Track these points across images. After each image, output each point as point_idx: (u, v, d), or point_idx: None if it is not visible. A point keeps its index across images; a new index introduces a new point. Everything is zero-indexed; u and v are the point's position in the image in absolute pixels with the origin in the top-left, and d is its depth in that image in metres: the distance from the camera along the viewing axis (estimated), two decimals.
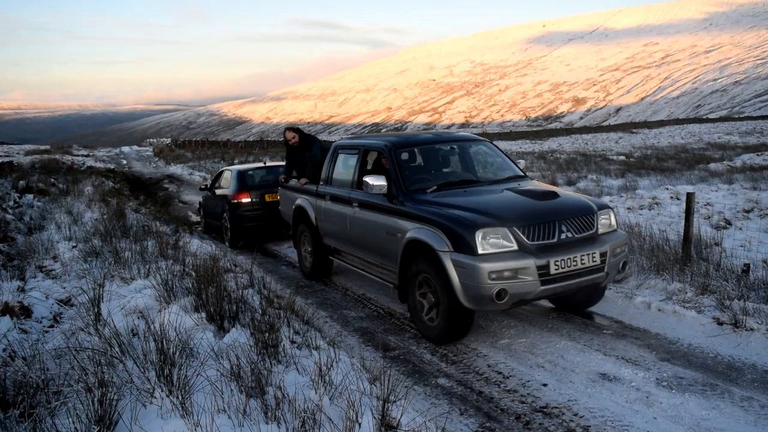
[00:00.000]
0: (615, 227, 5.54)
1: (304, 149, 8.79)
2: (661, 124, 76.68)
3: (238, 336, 4.78)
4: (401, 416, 3.43)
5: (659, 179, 18.12)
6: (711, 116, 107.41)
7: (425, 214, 5.31)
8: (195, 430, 3.14)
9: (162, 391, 3.69)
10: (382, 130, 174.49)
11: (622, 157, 28.00)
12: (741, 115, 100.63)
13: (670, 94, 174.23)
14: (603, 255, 5.09)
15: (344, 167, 7.18)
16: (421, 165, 6.49)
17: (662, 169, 22.01)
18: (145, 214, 13.79)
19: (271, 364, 4.20)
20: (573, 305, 5.98)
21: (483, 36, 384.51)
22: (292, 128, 9.16)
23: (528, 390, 4.32)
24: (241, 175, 11.39)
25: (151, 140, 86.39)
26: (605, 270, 5.13)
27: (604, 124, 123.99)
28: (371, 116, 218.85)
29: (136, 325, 5.14)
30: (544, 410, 4.01)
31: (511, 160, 6.81)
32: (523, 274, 4.69)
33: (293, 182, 8.67)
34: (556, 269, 4.80)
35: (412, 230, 5.37)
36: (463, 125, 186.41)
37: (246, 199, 10.89)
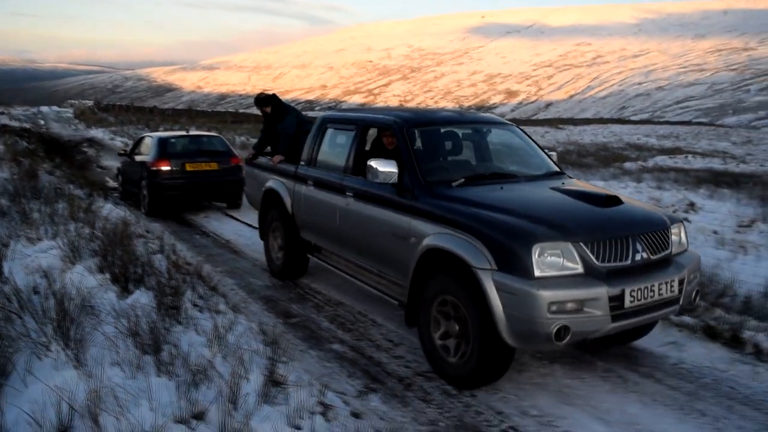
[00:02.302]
0: (686, 246, 4.47)
1: (278, 121, 7.30)
2: (587, 122, 79.37)
3: (141, 297, 4.89)
4: (289, 375, 3.67)
5: (575, 174, 18.92)
6: (633, 118, 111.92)
7: (454, 215, 4.11)
8: (87, 379, 3.27)
9: (58, 344, 3.79)
10: (316, 108, 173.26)
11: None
12: (661, 120, 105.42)
13: (598, 94, 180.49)
14: (681, 282, 4.06)
15: (334, 146, 5.91)
16: (441, 150, 5.34)
17: (581, 164, 22.98)
18: (59, 177, 13.42)
19: (170, 324, 4.34)
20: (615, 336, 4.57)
21: (423, 21, 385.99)
22: (264, 96, 7.59)
23: (414, 356, 4.64)
24: (162, 142, 11.09)
25: (73, 101, 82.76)
26: (681, 301, 4.12)
27: (534, 118, 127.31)
28: (306, 93, 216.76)
29: (38, 283, 5.15)
30: (425, 374, 4.35)
31: (545, 152, 5.63)
32: (591, 307, 3.58)
33: (264, 160, 7.27)
34: (631, 301, 3.73)
35: (433, 235, 4.17)
36: None
37: (166, 167, 10.59)
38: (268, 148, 7.69)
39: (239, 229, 9.54)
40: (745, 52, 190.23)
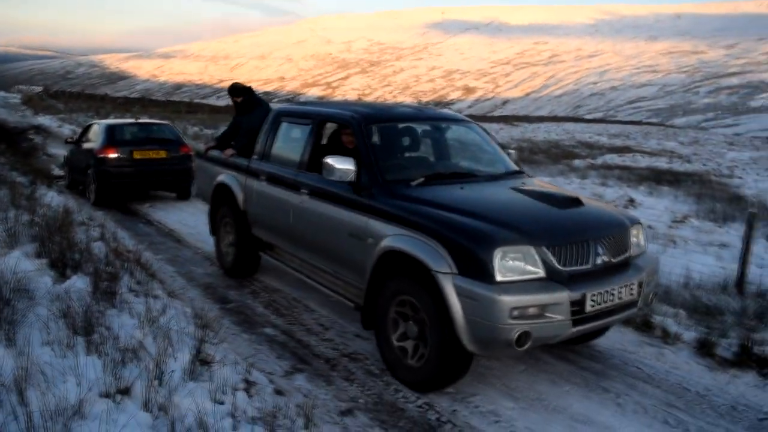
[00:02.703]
0: (644, 247, 4.45)
1: (246, 113, 6.86)
2: (541, 119, 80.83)
3: (77, 282, 4.97)
4: (217, 354, 3.84)
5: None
6: (588, 117, 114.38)
7: (413, 216, 3.98)
8: (16, 357, 3.37)
9: None
10: (274, 100, 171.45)
11: None
12: (614, 119, 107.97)
13: (554, 93, 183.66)
14: (640, 285, 4.05)
15: (289, 141, 5.70)
16: (400, 147, 5.20)
17: (531, 161, 23.53)
18: (2, 164, 13.17)
19: (104, 307, 4.44)
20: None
21: (383, 15, 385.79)
22: (239, 86, 7.11)
23: (342, 339, 4.86)
24: (110, 129, 10.87)
25: (21, 87, 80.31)
26: (638, 304, 4.11)
27: (491, 114, 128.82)
28: (263, 84, 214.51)
29: None
30: (351, 356, 4.57)
31: (503, 150, 5.54)
32: (552, 312, 3.52)
33: (216, 153, 6.88)
34: (592, 306, 3.70)
35: (392, 237, 4.04)
36: None
37: (113, 155, 10.37)
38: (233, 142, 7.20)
39: (184, 218, 9.59)
40: (696, 55, 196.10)
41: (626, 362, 4.65)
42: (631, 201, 13.88)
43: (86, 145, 11.23)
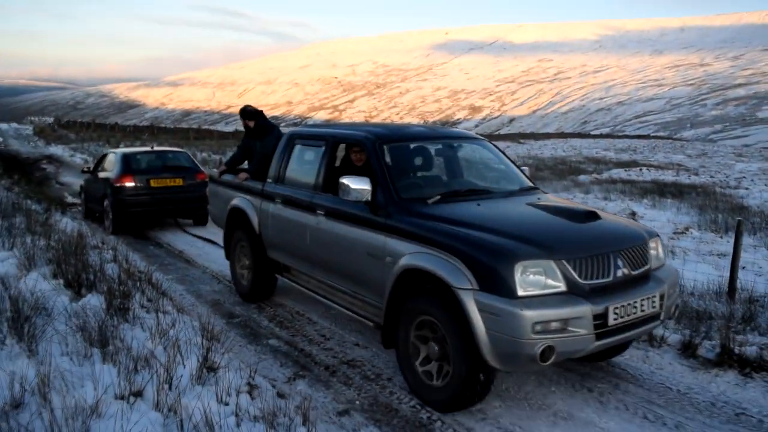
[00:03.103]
0: (663, 260, 4.48)
1: (258, 137, 6.88)
2: (548, 136, 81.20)
3: (92, 300, 5.28)
4: (223, 362, 4.13)
5: None
6: (595, 133, 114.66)
7: (431, 233, 4.03)
8: (38, 366, 3.67)
9: (12, 338, 4.19)
10: (281, 125, 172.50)
11: None
12: (621, 134, 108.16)
13: (560, 109, 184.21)
14: (662, 297, 4.06)
15: (303, 163, 5.76)
16: (414, 166, 5.25)
17: (537, 177, 23.76)
18: (17, 192, 13.62)
19: (118, 322, 4.75)
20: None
21: (387, 38, 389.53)
22: (251, 110, 7.09)
23: (342, 348, 5.13)
24: (126, 158, 10.97)
25: (33, 118, 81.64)
26: (661, 317, 4.12)
27: (497, 133, 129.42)
28: (271, 109, 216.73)
29: None
30: (350, 362, 4.84)
31: (517, 167, 5.57)
32: (575, 326, 3.53)
33: (229, 177, 6.92)
34: (615, 319, 3.71)
35: (410, 255, 4.08)
36: None
37: (130, 183, 10.45)
38: (244, 164, 7.29)
39: (192, 240, 9.92)
40: (702, 67, 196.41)
41: (612, 364, 4.88)
42: (633, 214, 14.03)
43: (102, 175, 11.31)
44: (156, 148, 12.22)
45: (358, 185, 4.47)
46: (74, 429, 2.97)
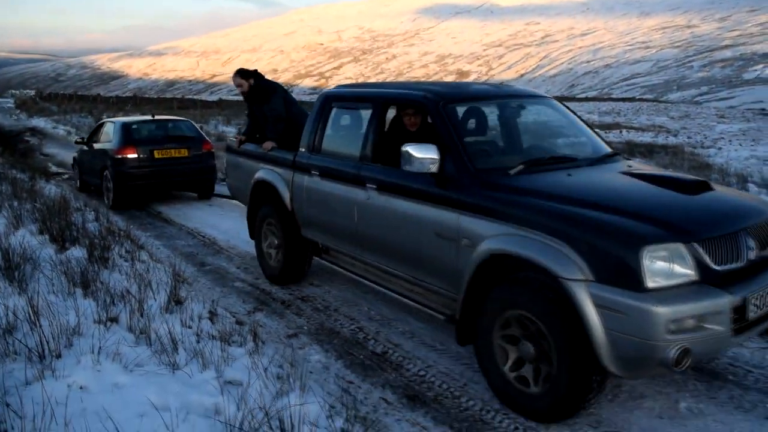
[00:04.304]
0: None
1: (261, 101, 6.32)
2: None
3: (75, 252, 5.90)
4: (189, 296, 4.78)
5: None
6: (582, 96, 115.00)
7: (524, 211, 3.39)
8: (28, 300, 4.30)
9: (3, 282, 4.81)
10: None
11: None
12: (608, 97, 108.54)
13: (548, 73, 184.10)
14: None
15: (344, 129, 5.24)
16: (483, 130, 4.65)
17: None
18: (2, 163, 14.08)
19: (99, 269, 5.37)
20: None
21: (373, 3, 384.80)
22: (241, 71, 6.48)
23: (298, 287, 5.81)
24: (126, 128, 10.33)
25: (14, 91, 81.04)
26: None
27: None
28: None
29: None
30: (304, 298, 5.53)
31: (592, 129, 4.82)
32: (712, 322, 2.94)
33: (251, 147, 6.29)
34: (754, 311, 3.11)
35: (496, 237, 3.46)
36: None
37: (132, 155, 9.84)
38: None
39: (171, 202, 10.50)
40: (689, 29, 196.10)
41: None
42: None
43: (99, 146, 10.76)
44: (157, 117, 11.51)
45: (423, 154, 3.83)
46: (60, 342, 3.61)
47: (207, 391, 3.28)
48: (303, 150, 5.36)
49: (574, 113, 4.92)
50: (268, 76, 6.72)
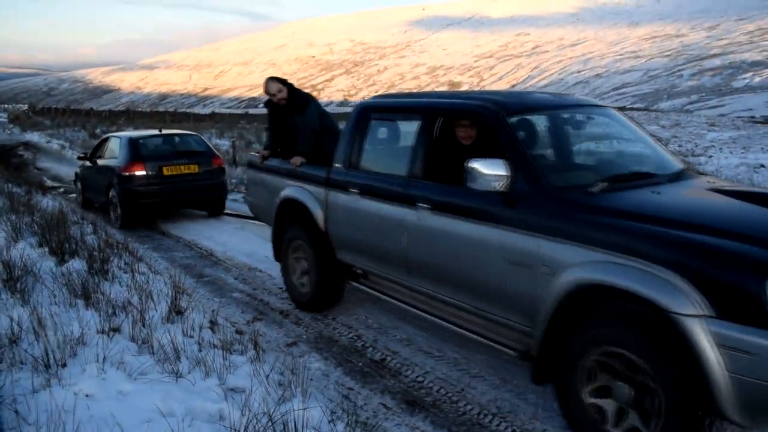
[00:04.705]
0: None
1: (295, 112, 5.85)
2: None
3: (75, 264, 5.97)
4: (190, 307, 4.85)
5: None
6: None
7: (619, 235, 3.01)
8: (31, 312, 4.36)
9: (6, 294, 4.87)
10: (259, 105, 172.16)
11: None
12: None
13: (539, 83, 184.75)
14: None
15: (386, 143, 4.88)
16: (551, 143, 4.39)
17: None
18: None
19: (99, 281, 5.44)
20: None
21: (364, 15, 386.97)
22: (278, 78, 6.03)
23: None
24: (133, 144, 9.82)
25: (6, 106, 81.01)
26: None
27: None
28: (248, 90, 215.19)
29: None
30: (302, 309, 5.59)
31: (657, 140, 4.42)
32: None
33: (275, 162, 5.87)
34: None
35: (584, 264, 3.09)
36: (342, 104, 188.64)
37: (140, 172, 9.39)
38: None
39: (168, 215, 10.55)
40: (678, 38, 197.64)
41: None
42: None
43: (104, 162, 10.35)
44: (164, 131, 11.01)
45: (492, 170, 3.44)
46: (65, 352, 3.68)
47: (210, 398, 3.36)
48: (338, 166, 4.94)
49: (634, 121, 4.55)
50: (260, 89, 6.50)
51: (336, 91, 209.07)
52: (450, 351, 4.56)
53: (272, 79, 5.97)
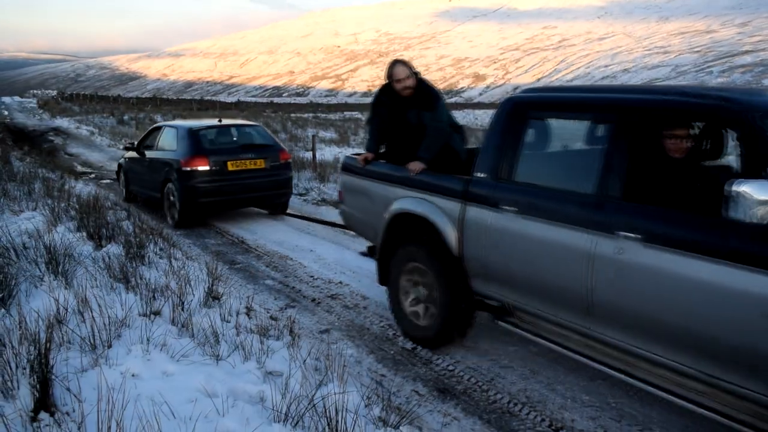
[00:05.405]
0: None
1: (422, 106, 4.86)
2: None
3: (113, 248, 6.13)
4: (226, 293, 4.99)
5: None
6: None
7: None
8: (75, 294, 4.52)
9: (50, 277, 5.04)
10: (284, 94, 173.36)
11: None
12: None
13: (565, 77, 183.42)
14: None
15: (555, 149, 4.17)
16: None
17: None
18: (30, 162, 14.44)
19: (137, 265, 5.59)
20: None
21: (390, 6, 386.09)
22: (406, 63, 4.98)
23: (326, 285, 6.00)
24: (195, 135, 8.89)
25: (35, 92, 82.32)
26: None
27: (501, 101, 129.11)
28: (273, 79, 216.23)
29: (26, 241, 6.35)
30: (333, 296, 5.70)
31: None
32: None
33: (381, 166, 5.03)
34: None
35: None
36: (365, 94, 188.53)
37: (203, 167, 8.49)
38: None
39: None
40: (708, 34, 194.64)
41: None
42: None
43: (156, 154, 9.49)
44: (225, 122, 9.91)
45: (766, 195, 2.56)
46: (110, 333, 3.82)
47: (251, 380, 3.48)
48: (483, 175, 4.07)
49: None
50: (285, 78, 6.50)
51: (360, 81, 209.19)
52: (480, 341, 4.63)
53: (399, 63, 4.92)
